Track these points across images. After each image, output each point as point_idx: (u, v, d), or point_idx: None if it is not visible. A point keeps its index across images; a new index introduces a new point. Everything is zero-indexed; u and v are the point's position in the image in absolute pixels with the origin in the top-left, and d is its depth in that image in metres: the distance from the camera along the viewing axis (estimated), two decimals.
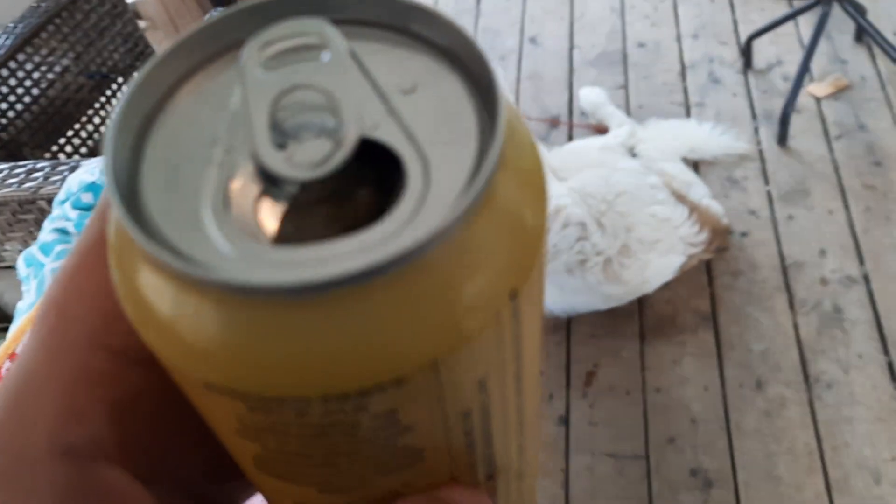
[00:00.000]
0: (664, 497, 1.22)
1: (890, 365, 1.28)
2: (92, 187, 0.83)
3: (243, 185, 0.14)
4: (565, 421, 1.32)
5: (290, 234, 0.15)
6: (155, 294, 0.14)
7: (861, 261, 1.42)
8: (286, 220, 0.15)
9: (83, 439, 0.16)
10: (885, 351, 1.30)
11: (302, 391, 0.14)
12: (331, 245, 0.13)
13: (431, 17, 0.16)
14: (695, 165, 1.61)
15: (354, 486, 0.16)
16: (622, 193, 1.35)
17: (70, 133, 1.55)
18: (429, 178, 0.14)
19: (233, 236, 0.13)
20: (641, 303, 1.43)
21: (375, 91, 0.15)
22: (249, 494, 0.21)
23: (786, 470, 1.21)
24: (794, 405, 1.27)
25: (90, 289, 0.17)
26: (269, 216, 0.15)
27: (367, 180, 0.15)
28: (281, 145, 0.14)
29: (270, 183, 0.14)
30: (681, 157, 1.56)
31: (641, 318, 1.42)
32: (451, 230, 0.13)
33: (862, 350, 1.31)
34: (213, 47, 0.16)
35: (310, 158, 0.14)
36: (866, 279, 1.39)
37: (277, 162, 0.14)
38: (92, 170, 0.84)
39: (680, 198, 1.41)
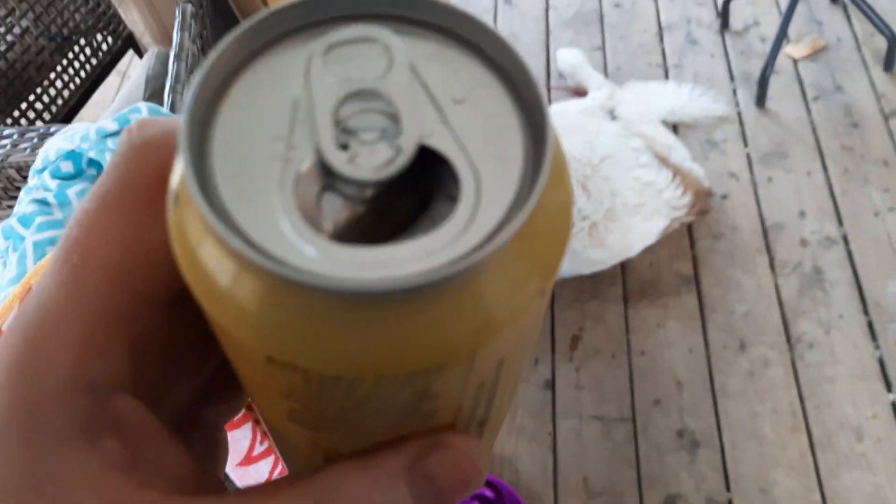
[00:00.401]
0: (651, 458, 1.23)
1: (870, 324, 1.30)
2: (71, 155, 0.79)
3: (305, 182, 0.15)
4: (551, 385, 1.33)
5: (346, 230, 0.16)
6: (226, 278, 0.15)
7: (840, 222, 1.43)
8: (342, 217, 0.16)
9: (103, 374, 0.17)
10: (865, 311, 1.32)
11: (360, 373, 0.15)
12: (398, 248, 0.14)
13: (482, 28, 0.16)
14: (674, 128, 1.61)
15: (371, 435, 0.18)
16: (606, 157, 1.34)
17: (32, 98, 1.48)
18: (480, 189, 0.15)
19: (302, 231, 0.14)
20: (624, 267, 1.43)
21: (430, 99, 0.16)
22: (233, 416, 0.23)
23: (770, 429, 1.23)
24: (776, 366, 1.29)
25: (113, 233, 0.18)
26: (328, 212, 0.15)
27: (415, 183, 0.16)
28: (343, 146, 0.15)
29: (330, 181, 0.15)
30: (660, 120, 1.55)
31: (625, 282, 1.42)
32: (507, 244, 0.14)
33: (842, 310, 1.33)
34: (273, 34, 0.17)
35: (372, 161, 0.15)
36: (845, 240, 1.41)
37: (341, 163, 0.15)
38: (70, 137, 0.79)
39: (662, 161, 1.40)
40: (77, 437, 0.16)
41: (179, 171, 0.16)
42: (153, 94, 1.00)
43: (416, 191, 0.16)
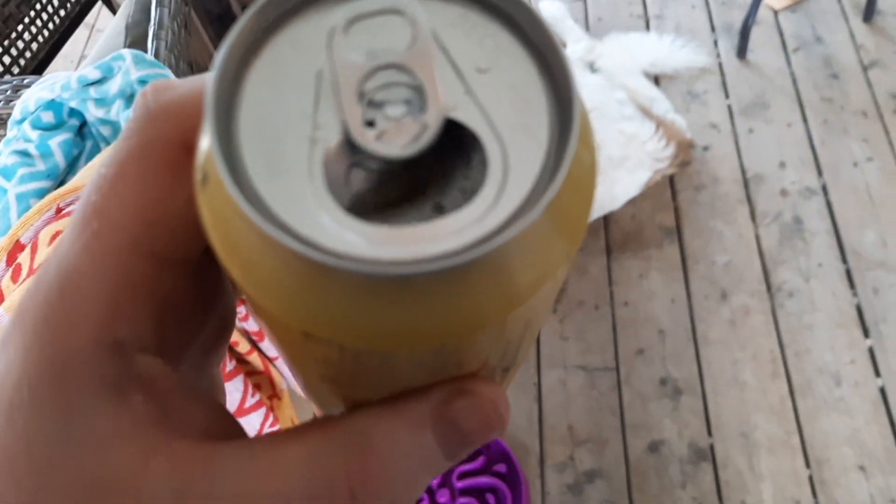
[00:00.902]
0: (635, 407, 1.25)
1: (848, 273, 1.33)
2: (52, 105, 0.77)
3: (334, 161, 0.15)
4: (536, 337, 1.33)
5: (376, 206, 0.16)
6: (261, 260, 0.15)
7: (819, 172, 1.45)
8: (371, 193, 0.16)
9: (128, 335, 0.17)
10: (844, 259, 1.34)
11: (394, 348, 0.15)
12: (428, 227, 0.14)
13: None
14: (655, 80, 1.60)
15: (399, 388, 0.18)
16: (591, 110, 1.34)
17: None
18: (507, 160, 0.15)
19: (334, 213, 0.14)
20: (607, 219, 1.44)
21: (454, 69, 0.16)
22: (221, 358, 0.24)
23: (751, 376, 1.25)
24: (757, 314, 1.31)
25: (133, 199, 0.18)
26: (358, 189, 0.16)
27: (444, 153, 0.16)
28: (369, 122, 0.15)
29: (357, 158, 0.15)
30: (642, 72, 1.55)
31: (608, 234, 1.43)
32: (537, 218, 0.14)
33: (821, 259, 1.35)
34: (292, 2, 0.16)
35: (399, 138, 0.15)
36: (825, 190, 1.42)
37: (368, 141, 0.14)
38: (50, 86, 0.77)
39: (645, 112, 1.40)
40: (107, 395, 0.17)
41: (205, 149, 0.16)
42: (134, 42, 0.97)
43: (445, 162, 0.16)
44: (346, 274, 0.14)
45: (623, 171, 1.32)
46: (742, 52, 1.61)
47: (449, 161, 0.16)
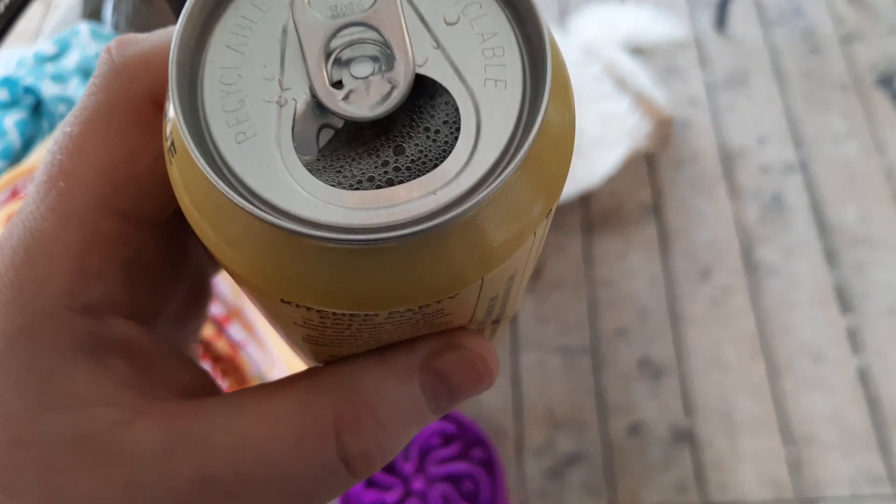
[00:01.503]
0: (615, 388, 1.23)
1: (829, 250, 1.31)
2: (7, 82, 0.74)
3: (303, 124, 0.15)
4: (513, 319, 1.31)
5: (347, 168, 0.15)
6: (234, 230, 0.15)
7: (800, 148, 1.43)
8: (343, 155, 0.15)
9: (98, 297, 0.17)
10: (824, 237, 1.33)
11: (374, 310, 0.15)
12: (402, 189, 0.14)
13: None
14: (633, 54, 1.57)
15: (385, 343, 0.18)
16: None
17: None
18: (480, 117, 0.14)
19: (305, 179, 0.14)
20: (586, 197, 1.41)
21: (422, 23, 0.15)
22: (198, 333, 0.24)
23: (732, 356, 1.24)
24: (737, 293, 1.29)
25: (99, 157, 0.17)
26: (328, 152, 0.15)
27: (413, 109, 0.15)
28: (337, 83, 0.14)
29: (327, 119, 0.15)
30: (619, 45, 1.52)
31: (586, 213, 1.41)
32: (513, 175, 0.14)
33: (801, 236, 1.33)
34: None
35: (368, 98, 0.14)
36: (805, 166, 1.41)
37: (336, 101, 0.14)
38: (5, 62, 0.74)
39: (623, 86, 1.37)
40: (83, 358, 0.17)
41: (171, 116, 0.15)
42: (91, 14, 0.94)
43: (416, 117, 0.16)
44: (319, 242, 0.14)
45: (602, 150, 1.30)
46: (721, 25, 1.58)
47: (421, 115, 0.16)
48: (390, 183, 0.14)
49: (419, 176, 0.14)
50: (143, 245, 0.18)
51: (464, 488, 1.17)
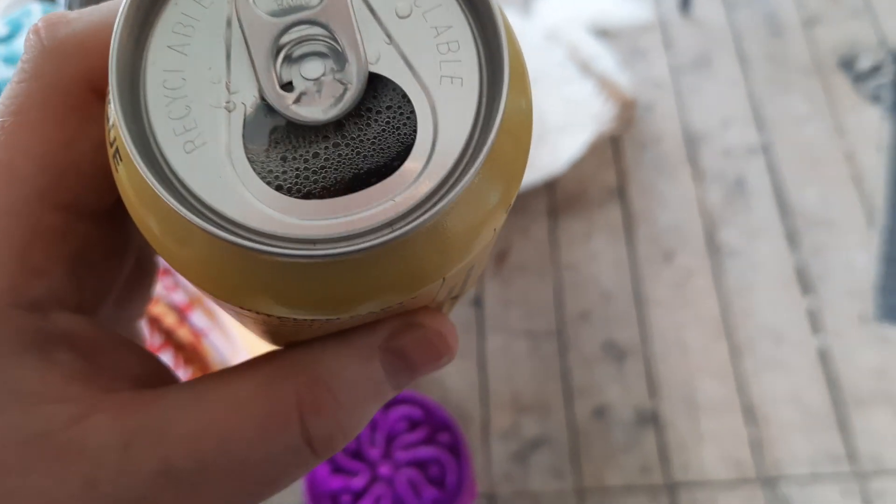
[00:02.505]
0: (580, 370, 1.24)
1: (790, 232, 1.33)
2: None
3: (253, 129, 0.14)
4: (479, 302, 1.31)
5: (302, 173, 0.14)
6: (187, 244, 0.14)
7: (761, 131, 1.44)
8: (296, 161, 0.14)
9: (43, 292, 0.17)
10: (785, 219, 1.34)
11: (334, 315, 0.15)
12: (358, 197, 0.13)
13: None
14: (598, 36, 1.57)
15: (345, 330, 0.18)
16: (532, 82, 1.29)
17: None
18: (436, 115, 0.14)
19: (257, 189, 0.13)
20: (550, 181, 1.41)
21: (373, 17, 0.14)
22: (143, 310, 0.23)
23: (694, 337, 1.25)
24: (700, 275, 1.30)
25: (37, 148, 0.17)
26: (281, 158, 0.14)
27: (368, 106, 0.15)
28: (287, 84, 0.14)
29: (278, 124, 0.14)
30: (584, 28, 1.51)
31: (551, 197, 1.40)
32: (473, 180, 0.13)
33: (763, 218, 1.35)
34: None
35: (320, 100, 0.14)
36: (766, 149, 1.42)
37: (287, 104, 0.14)
38: None
39: (586, 70, 1.37)
40: (30, 356, 0.16)
41: (113, 121, 0.15)
42: None
43: (372, 115, 0.15)
44: (276, 257, 0.13)
45: (566, 135, 1.30)
46: (685, 7, 1.58)
47: (376, 113, 0.15)
48: (350, 189, 0.13)
49: (376, 173, 0.14)
50: (87, 236, 0.18)
51: (430, 473, 1.17)
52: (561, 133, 1.29)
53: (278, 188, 0.14)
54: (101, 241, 0.18)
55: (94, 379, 0.17)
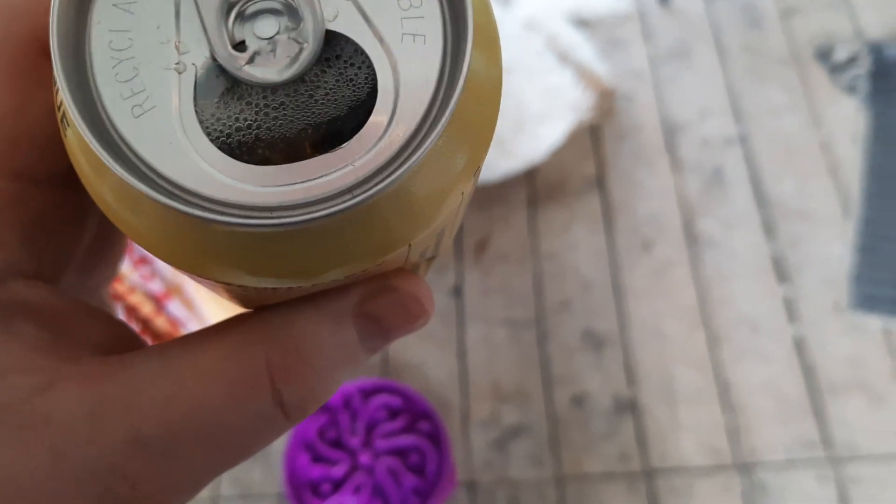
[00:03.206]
0: (559, 359, 1.25)
1: (766, 222, 1.34)
2: None
3: (205, 91, 0.14)
4: (459, 292, 1.31)
5: (258, 139, 0.14)
6: (139, 213, 0.14)
7: (739, 121, 1.45)
8: (251, 125, 0.14)
9: (0, 263, 0.16)
10: (762, 209, 1.36)
11: (296, 282, 0.15)
12: (317, 162, 0.13)
13: None
14: (577, 26, 1.57)
15: (316, 293, 0.17)
16: (512, 71, 1.30)
17: None
18: (398, 76, 0.13)
19: (211, 155, 0.13)
20: (530, 171, 1.41)
21: None
22: (111, 279, 0.23)
23: (672, 326, 1.26)
24: (678, 265, 1.32)
25: None
26: (235, 122, 0.14)
27: (325, 67, 0.14)
28: (239, 44, 0.14)
29: (231, 86, 0.14)
30: (564, 18, 1.52)
31: (531, 186, 1.41)
32: (437, 142, 0.13)
33: (740, 208, 1.36)
34: None
35: (275, 60, 0.13)
36: (744, 139, 1.43)
37: (240, 67, 0.13)
38: None
39: (565, 59, 1.37)
40: None
41: (58, 87, 0.14)
42: None
43: (330, 75, 0.14)
44: (232, 227, 0.13)
45: (545, 124, 1.30)
46: None
47: (335, 74, 0.14)
48: (308, 153, 0.13)
49: (335, 137, 0.13)
50: (43, 203, 0.17)
51: (411, 461, 1.17)
52: (540, 122, 1.29)
53: (233, 154, 0.13)
54: (58, 208, 0.18)
55: (58, 348, 0.16)
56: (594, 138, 1.46)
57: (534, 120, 1.28)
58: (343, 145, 0.13)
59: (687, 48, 1.55)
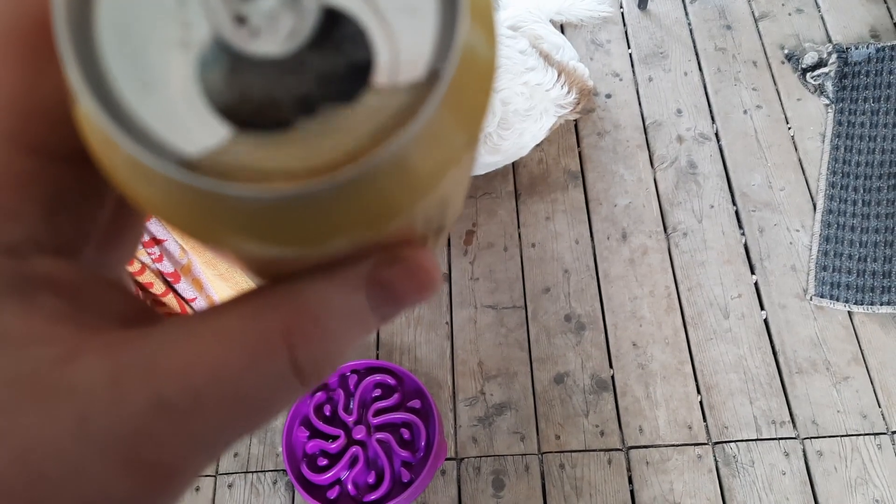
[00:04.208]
0: (541, 341, 1.31)
1: (737, 213, 1.42)
2: None
3: (209, 66, 0.14)
4: (448, 278, 1.38)
5: (262, 112, 0.14)
6: (151, 185, 0.14)
7: (713, 119, 1.52)
8: (256, 98, 0.14)
9: (20, 236, 0.16)
10: (733, 201, 1.43)
11: (302, 252, 0.15)
12: (318, 133, 0.13)
13: None
14: (561, 28, 1.64)
15: (326, 263, 0.18)
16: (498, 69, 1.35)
17: None
18: (395, 47, 0.14)
19: (218, 130, 0.13)
20: (515, 164, 1.48)
21: None
22: (132, 248, 0.23)
23: (648, 310, 1.33)
24: (654, 253, 1.38)
25: (2, 88, 0.16)
26: (240, 96, 0.14)
27: (325, 40, 0.14)
28: (240, 19, 0.13)
29: (235, 60, 0.14)
30: (547, 20, 1.58)
31: (516, 178, 1.48)
32: (433, 113, 0.13)
33: (713, 201, 1.43)
34: None
35: (275, 34, 0.13)
36: (717, 136, 1.50)
37: (242, 40, 0.13)
38: None
39: (548, 59, 1.43)
40: (11, 300, 0.16)
41: (65, 63, 0.14)
42: None
43: (329, 48, 0.14)
44: (239, 197, 0.13)
45: (530, 122, 1.36)
46: (643, 2, 1.66)
47: (334, 46, 0.14)
48: (310, 123, 0.14)
49: (334, 109, 0.14)
50: (61, 178, 0.17)
51: (402, 436, 1.23)
52: (525, 119, 1.35)
53: (235, 126, 0.13)
54: (76, 184, 0.18)
55: (80, 320, 0.17)
56: (576, 134, 1.53)
57: (518, 116, 1.34)
58: (342, 116, 0.13)
59: (664, 50, 1.62)
